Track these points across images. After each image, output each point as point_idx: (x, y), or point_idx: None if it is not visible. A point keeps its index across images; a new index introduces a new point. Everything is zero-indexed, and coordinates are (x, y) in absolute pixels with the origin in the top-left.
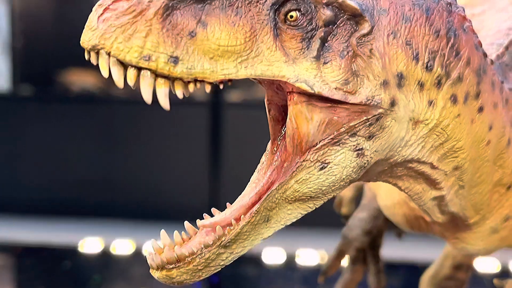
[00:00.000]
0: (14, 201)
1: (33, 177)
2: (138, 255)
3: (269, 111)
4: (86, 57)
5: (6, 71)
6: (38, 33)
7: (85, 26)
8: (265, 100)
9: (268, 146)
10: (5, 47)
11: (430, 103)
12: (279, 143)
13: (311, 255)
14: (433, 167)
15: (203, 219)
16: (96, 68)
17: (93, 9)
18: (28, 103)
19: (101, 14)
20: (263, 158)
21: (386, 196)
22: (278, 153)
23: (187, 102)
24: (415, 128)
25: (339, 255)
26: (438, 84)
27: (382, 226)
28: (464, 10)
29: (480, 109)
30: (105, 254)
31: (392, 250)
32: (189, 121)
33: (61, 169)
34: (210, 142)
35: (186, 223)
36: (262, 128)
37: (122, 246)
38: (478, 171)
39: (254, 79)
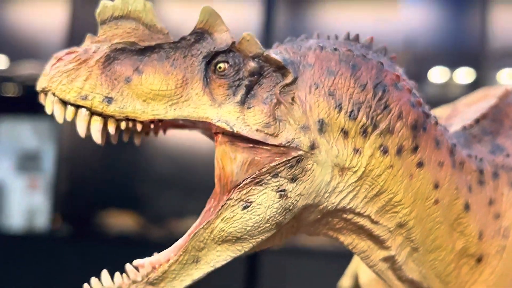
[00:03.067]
0: None
1: None
2: None
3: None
4: (39, 99)
5: (46, 211)
6: (81, 175)
7: (41, 74)
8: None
9: None
10: (48, 188)
11: (356, 150)
12: None
13: None
14: (372, 221)
15: None
16: (135, 210)
17: (50, 60)
18: (65, 243)
19: (54, 63)
20: None
21: (363, 272)
22: (212, 195)
23: None
24: (342, 174)
25: None
26: (364, 133)
27: None
28: (402, 72)
29: (420, 164)
30: None
31: None
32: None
33: None
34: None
35: (128, 265)
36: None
37: None
38: (430, 233)
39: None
